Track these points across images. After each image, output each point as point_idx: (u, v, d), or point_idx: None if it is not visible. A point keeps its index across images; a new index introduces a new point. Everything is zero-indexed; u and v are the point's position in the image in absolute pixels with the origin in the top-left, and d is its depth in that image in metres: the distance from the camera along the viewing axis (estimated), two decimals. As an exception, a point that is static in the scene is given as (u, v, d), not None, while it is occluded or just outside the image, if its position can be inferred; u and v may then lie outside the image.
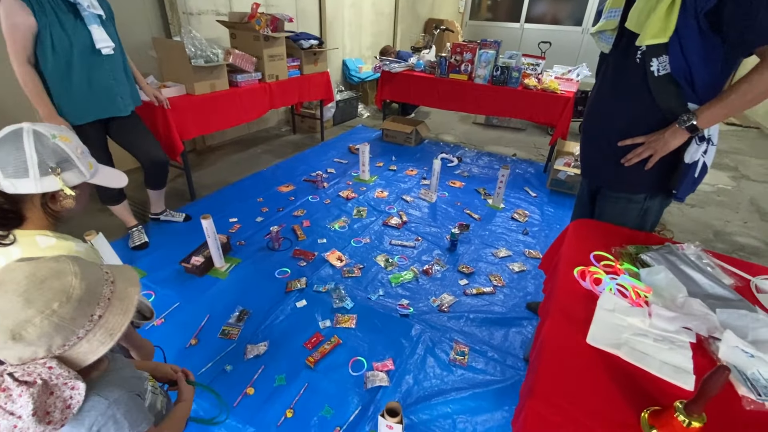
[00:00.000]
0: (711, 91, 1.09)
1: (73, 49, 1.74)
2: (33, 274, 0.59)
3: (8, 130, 0.80)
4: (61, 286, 0.59)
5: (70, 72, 1.78)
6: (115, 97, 1.97)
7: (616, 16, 1.22)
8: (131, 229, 2.29)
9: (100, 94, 1.91)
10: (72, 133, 0.89)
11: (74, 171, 0.86)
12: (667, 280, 0.99)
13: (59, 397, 0.57)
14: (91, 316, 0.62)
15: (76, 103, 1.84)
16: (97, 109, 1.93)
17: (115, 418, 0.67)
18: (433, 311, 1.93)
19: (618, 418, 0.72)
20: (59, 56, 1.72)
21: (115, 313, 0.65)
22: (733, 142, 4.92)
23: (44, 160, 0.81)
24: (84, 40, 1.77)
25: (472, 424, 1.43)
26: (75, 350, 0.60)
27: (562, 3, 6.90)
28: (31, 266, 0.61)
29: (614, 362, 0.82)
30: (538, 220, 2.82)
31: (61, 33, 1.69)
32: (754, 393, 0.75)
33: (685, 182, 1.20)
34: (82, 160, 0.88)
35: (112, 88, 1.94)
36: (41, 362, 0.57)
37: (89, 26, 1.76)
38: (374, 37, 5.88)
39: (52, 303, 0.58)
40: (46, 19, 1.64)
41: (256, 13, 2.96)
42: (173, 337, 1.72)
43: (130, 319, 0.66)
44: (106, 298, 0.64)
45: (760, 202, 3.37)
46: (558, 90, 3.30)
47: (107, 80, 1.91)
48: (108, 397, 0.67)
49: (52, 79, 1.75)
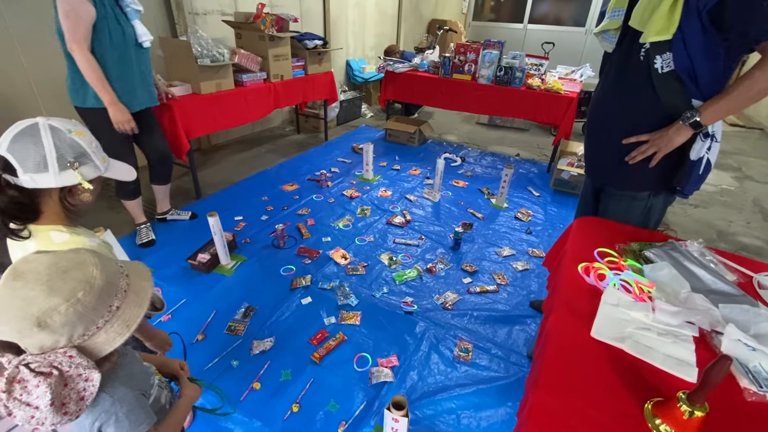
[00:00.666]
0: (714, 88, 1.11)
1: (126, 40, 1.86)
2: (55, 264, 0.61)
3: (24, 125, 0.81)
4: (83, 276, 0.61)
5: (125, 62, 1.89)
6: (150, 87, 2.10)
7: (620, 16, 1.24)
8: (140, 225, 2.31)
9: (146, 84, 2.04)
10: (84, 127, 0.90)
11: (90, 165, 0.87)
12: (670, 276, 1.00)
13: (73, 389, 0.59)
14: (110, 306, 0.63)
15: (130, 92, 1.95)
16: (143, 98, 2.05)
17: (117, 416, 0.68)
18: (437, 309, 1.95)
19: (621, 409, 0.73)
20: (116, 47, 1.83)
21: (131, 305, 0.66)
22: (737, 143, 4.91)
23: (63, 155, 0.82)
24: (132, 33, 1.89)
25: (476, 420, 1.44)
26: (93, 340, 0.62)
27: (565, 4, 6.91)
28: (51, 257, 0.62)
29: (618, 355, 0.84)
30: (541, 219, 2.83)
31: (116, 25, 1.81)
32: (755, 385, 0.76)
33: (690, 179, 1.21)
34: (97, 154, 0.90)
35: (147, 79, 2.07)
36: (62, 351, 0.58)
37: (132, 21, 1.87)
38: (377, 38, 5.91)
39: (77, 291, 0.59)
40: (105, 10, 1.75)
41: (261, 14, 2.99)
42: (180, 333, 1.73)
43: (145, 311, 0.68)
44: (122, 290, 0.66)
45: (763, 202, 3.37)
46: (561, 90, 3.31)
47: (147, 72, 2.04)
48: (113, 394, 0.68)
49: (111, 68, 1.84)
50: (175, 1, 3.10)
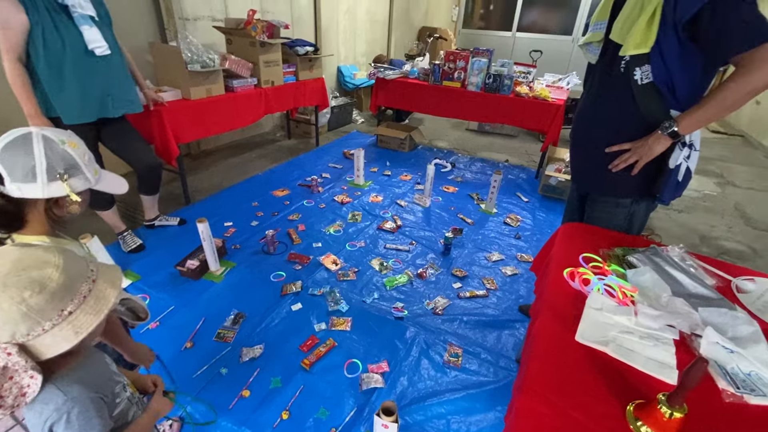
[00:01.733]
0: (692, 99, 1.15)
1: (65, 49, 1.74)
2: (19, 260, 0.61)
3: (17, 134, 0.80)
4: (39, 276, 0.60)
5: (63, 72, 1.77)
6: (108, 98, 1.96)
7: (602, 29, 1.28)
8: (122, 234, 2.28)
9: (94, 95, 1.90)
10: (78, 139, 0.90)
11: (80, 177, 0.87)
12: (652, 281, 1.03)
13: (17, 383, 0.58)
14: (61, 311, 0.62)
15: (68, 103, 1.84)
16: (90, 110, 1.92)
17: (68, 417, 0.67)
18: (427, 314, 1.96)
19: (604, 411, 0.75)
20: (51, 55, 1.72)
21: (86, 311, 0.65)
22: (719, 149, 5.05)
23: (53, 166, 0.81)
24: (77, 41, 1.77)
25: (466, 425, 1.45)
26: (38, 341, 0.61)
27: (552, 13, 7.06)
28: (21, 252, 0.62)
29: (602, 359, 0.86)
30: (530, 224, 2.87)
31: (54, 33, 1.70)
32: (733, 386, 0.79)
33: (668, 186, 1.24)
34: (89, 167, 0.89)
35: (105, 89, 1.93)
36: (2, 347, 0.58)
37: (80, 27, 1.75)
38: (369, 45, 5.95)
39: (25, 291, 0.59)
40: (39, 17, 1.65)
41: (252, 20, 3.00)
42: (168, 341, 1.72)
43: (100, 321, 0.66)
44: (81, 295, 0.65)
45: (744, 207, 3.47)
46: (549, 98, 3.38)
47: (101, 82, 1.91)
48: (67, 393, 0.67)
49: (45, 78, 1.75)
50: (165, 7, 3.09)
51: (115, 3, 2.70)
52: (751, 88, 1.01)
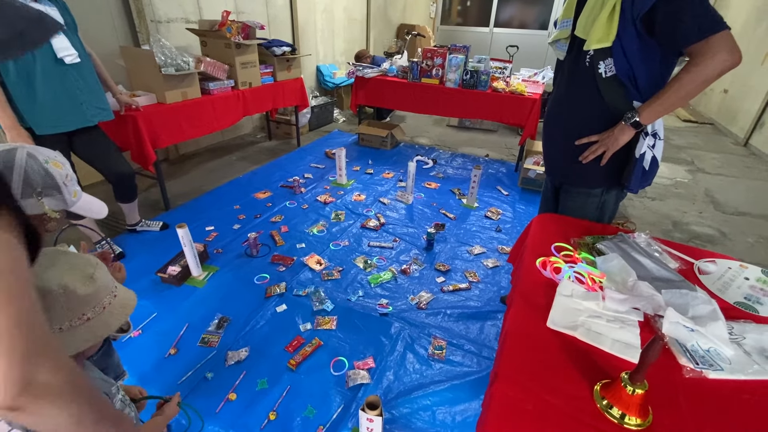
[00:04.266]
0: (653, 90, 1.20)
1: (35, 58, 1.71)
2: (70, 256, 0.65)
3: (1, 149, 0.80)
4: (83, 274, 0.65)
5: (33, 82, 1.74)
6: (81, 106, 1.94)
7: (568, 26, 1.32)
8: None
9: (66, 105, 1.87)
10: (65, 159, 0.89)
11: (57, 198, 0.86)
12: (619, 266, 1.08)
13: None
14: (82, 314, 0.64)
15: (40, 113, 1.80)
16: (64, 120, 1.89)
17: None
18: (411, 309, 1.99)
19: (574, 392, 0.79)
20: (21, 66, 1.69)
21: (101, 321, 0.66)
22: (690, 137, 5.23)
23: (30, 184, 0.81)
24: (47, 50, 1.74)
25: (451, 415, 1.48)
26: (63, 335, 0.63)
27: (528, 8, 7.15)
28: (69, 253, 0.67)
29: (572, 343, 0.90)
30: (510, 217, 2.93)
31: None
32: (692, 362, 0.83)
33: (635, 175, 1.30)
34: (69, 188, 0.89)
35: (77, 98, 1.91)
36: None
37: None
38: (347, 43, 5.94)
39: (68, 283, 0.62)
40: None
41: (226, 21, 2.97)
42: (151, 348, 1.71)
43: (106, 335, 0.68)
44: (102, 306, 0.67)
45: (714, 193, 3.61)
46: (525, 92, 3.44)
47: (73, 90, 1.88)
48: None
49: (15, 89, 1.71)
50: (136, 9, 3.03)
51: (84, 5, 2.64)
52: (704, 77, 1.07)
